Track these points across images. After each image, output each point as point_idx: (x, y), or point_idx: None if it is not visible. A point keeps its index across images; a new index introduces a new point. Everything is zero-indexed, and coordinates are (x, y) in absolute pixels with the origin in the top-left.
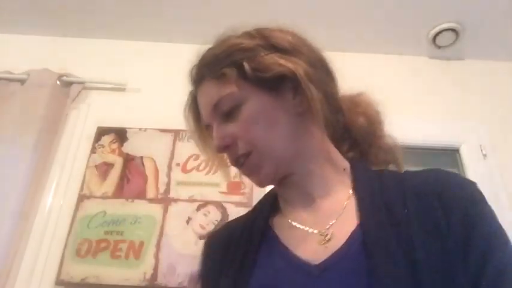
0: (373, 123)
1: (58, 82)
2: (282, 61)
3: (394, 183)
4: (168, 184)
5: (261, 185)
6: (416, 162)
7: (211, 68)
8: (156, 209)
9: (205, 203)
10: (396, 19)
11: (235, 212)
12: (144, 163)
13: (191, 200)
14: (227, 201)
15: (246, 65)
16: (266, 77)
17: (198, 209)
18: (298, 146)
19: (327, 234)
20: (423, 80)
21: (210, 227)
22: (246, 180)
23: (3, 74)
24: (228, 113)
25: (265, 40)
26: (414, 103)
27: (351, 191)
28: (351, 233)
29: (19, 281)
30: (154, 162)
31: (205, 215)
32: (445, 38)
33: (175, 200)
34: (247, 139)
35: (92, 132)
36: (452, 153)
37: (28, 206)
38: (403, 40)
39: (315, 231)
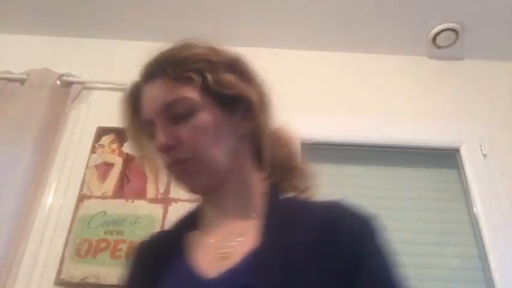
0: (291, 156)
1: (58, 82)
2: (241, 84)
3: (299, 212)
4: (168, 184)
5: (192, 192)
6: (416, 162)
7: (175, 68)
8: (156, 209)
9: None
10: (396, 19)
11: None
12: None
13: (191, 200)
14: None
15: (210, 77)
16: (224, 94)
17: None
18: (233, 165)
19: (226, 252)
20: (423, 80)
21: None
22: None
23: (3, 74)
24: (180, 115)
25: (229, 61)
26: (414, 103)
27: (261, 215)
28: (246, 254)
29: (19, 281)
30: (155, 162)
31: None
32: (445, 38)
33: (175, 200)
34: (193, 146)
35: (92, 132)
36: (452, 153)
37: (28, 206)
38: (403, 40)
39: (219, 248)
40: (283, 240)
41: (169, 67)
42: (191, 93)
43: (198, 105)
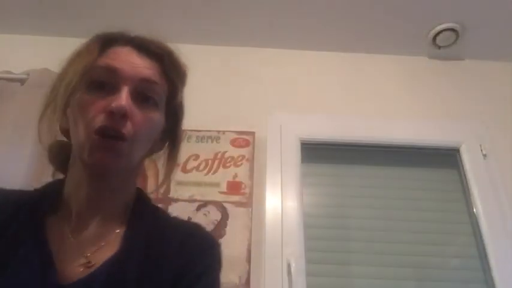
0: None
1: None
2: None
3: (160, 225)
4: (168, 184)
5: (100, 165)
6: (416, 162)
7: (172, 66)
8: None
9: (205, 203)
10: (396, 19)
11: (235, 212)
12: (144, 163)
13: (191, 200)
14: (227, 201)
15: (180, 96)
16: (176, 115)
17: (198, 209)
18: (135, 169)
19: (90, 260)
20: (423, 80)
21: (210, 227)
22: (246, 180)
23: (3, 74)
24: (146, 98)
25: (183, 98)
26: (414, 103)
27: (125, 224)
28: (105, 261)
29: None
30: (154, 162)
31: (205, 215)
32: (445, 38)
33: (175, 200)
34: (137, 131)
35: None
36: (452, 153)
37: None
38: (403, 40)
39: (82, 252)
40: (139, 253)
41: (171, 63)
42: (166, 92)
43: (161, 105)
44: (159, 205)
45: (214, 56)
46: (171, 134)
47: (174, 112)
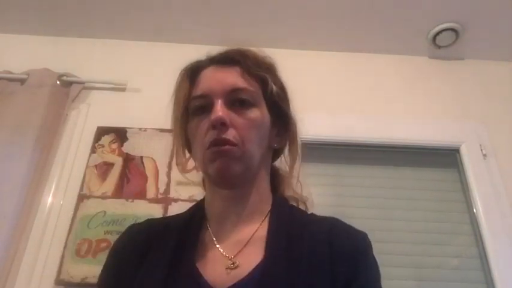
0: (291, 175)
1: (58, 82)
2: (290, 106)
3: (300, 224)
4: (168, 184)
5: (221, 175)
6: (416, 162)
7: (254, 65)
8: (156, 209)
9: None
10: (396, 19)
11: None
12: (144, 163)
13: (191, 200)
14: None
15: (274, 87)
16: (278, 106)
17: None
18: (260, 170)
19: (235, 261)
20: (423, 80)
21: None
22: None
23: (3, 74)
24: (241, 103)
25: (283, 83)
26: (414, 103)
27: (265, 223)
28: (255, 266)
29: (19, 281)
30: (154, 162)
31: None
32: (445, 38)
33: (175, 200)
34: (242, 134)
35: (92, 132)
36: (452, 153)
37: (28, 205)
38: (403, 40)
39: (228, 257)
40: (287, 256)
41: (250, 61)
42: (256, 89)
43: (259, 101)
44: (160, 205)
45: None
46: (281, 121)
47: (273, 100)
